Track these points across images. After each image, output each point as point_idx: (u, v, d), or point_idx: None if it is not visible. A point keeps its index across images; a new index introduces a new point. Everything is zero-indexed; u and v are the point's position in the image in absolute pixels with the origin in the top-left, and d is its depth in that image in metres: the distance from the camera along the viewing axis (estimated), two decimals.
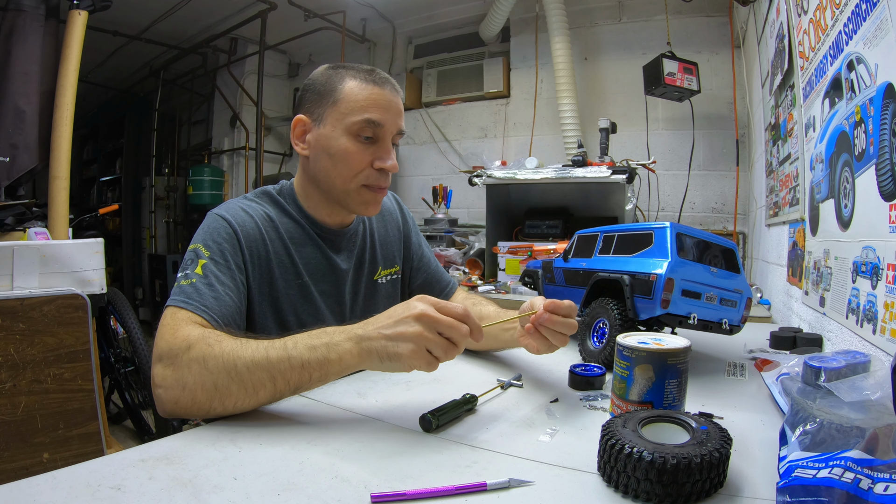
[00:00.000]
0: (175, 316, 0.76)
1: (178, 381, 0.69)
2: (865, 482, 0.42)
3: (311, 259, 0.97)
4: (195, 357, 0.69)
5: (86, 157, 6.02)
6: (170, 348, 0.71)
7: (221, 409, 0.70)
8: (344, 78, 0.90)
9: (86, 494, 0.49)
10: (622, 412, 0.64)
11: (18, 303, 1.62)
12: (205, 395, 0.68)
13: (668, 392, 0.63)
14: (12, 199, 1.98)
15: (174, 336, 0.72)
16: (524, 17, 3.47)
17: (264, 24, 3.82)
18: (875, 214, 0.86)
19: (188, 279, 0.81)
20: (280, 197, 0.98)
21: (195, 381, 0.68)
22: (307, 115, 0.92)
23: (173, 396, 0.69)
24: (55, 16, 2.14)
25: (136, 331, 2.38)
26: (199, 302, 0.78)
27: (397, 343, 0.67)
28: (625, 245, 1.00)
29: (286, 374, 0.69)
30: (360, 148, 0.90)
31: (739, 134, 2.73)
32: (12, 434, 1.58)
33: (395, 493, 0.50)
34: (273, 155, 4.60)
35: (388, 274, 1.10)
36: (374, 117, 0.89)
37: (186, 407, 0.69)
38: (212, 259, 0.83)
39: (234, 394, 0.68)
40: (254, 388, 0.69)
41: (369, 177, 0.92)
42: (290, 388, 0.70)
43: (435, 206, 3.28)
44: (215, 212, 0.90)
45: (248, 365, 0.68)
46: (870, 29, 0.88)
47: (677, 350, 0.63)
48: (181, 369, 0.69)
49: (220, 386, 0.68)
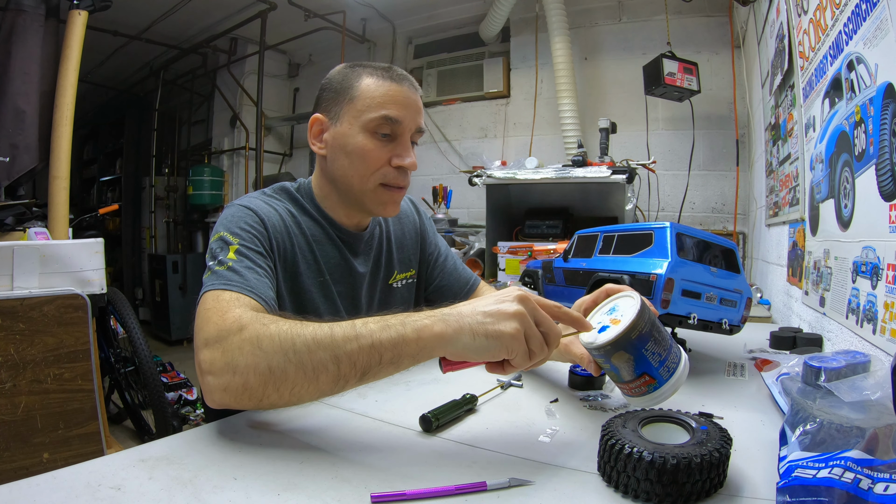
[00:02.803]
0: (219, 298, 0.70)
1: (229, 364, 0.62)
2: (865, 482, 0.42)
3: (332, 259, 0.95)
4: (248, 338, 0.62)
5: (86, 157, 6.02)
6: (219, 331, 0.65)
7: (277, 396, 0.61)
8: (360, 75, 0.88)
9: (86, 494, 0.49)
10: (630, 390, 0.63)
11: (18, 303, 1.62)
12: (258, 380, 0.60)
13: (652, 354, 0.60)
14: (12, 199, 1.98)
15: (223, 318, 0.66)
16: (524, 17, 3.47)
17: (264, 24, 3.82)
18: (875, 214, 0.86)
19: (223, 264, 0.76)
20: (298, 195, 0.97)
21: (247, 363, 0.61)
22: (324, 114, 0.91)
23: (223, 382, 0.62)
24: (55, 16, 2.14)
25: (136, 331, 2.38)
26: (242, 284, 0.74)
27: (498, 321, 0.58)
28: (625, 245, 1.00)
29: (353, 355, 0.60)
30: (377, 145, 0.87)
31: (739, 134, 2.73)
32: (12, 434, 1.58)
33: (395, 494, 0.50)
34: (273, 155, 4.60)
35: (405, 278, 1.07)
36: (392, 114, 0.86)
37: (237, 394, 0.62)
38: (242, 245, 0.80)
39: (291, 377, 0.60)
40: (314, 370, 0.60)
41: (387, 175, 0.89)
42: (356, 372, 0.61)
43: (435, 206, 3.28)
44: (238, 203, 0.88)
45: (309, 344, 0.60)
46: (870, 29, 0.88)
47: (633, 323, 0.59)
48: (232, 352, 0.62)
49: (275, 368, 0.60)
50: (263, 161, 4.14)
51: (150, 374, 2.28)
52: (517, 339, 0.58)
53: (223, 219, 0.86)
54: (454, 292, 1.09)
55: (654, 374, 0.61)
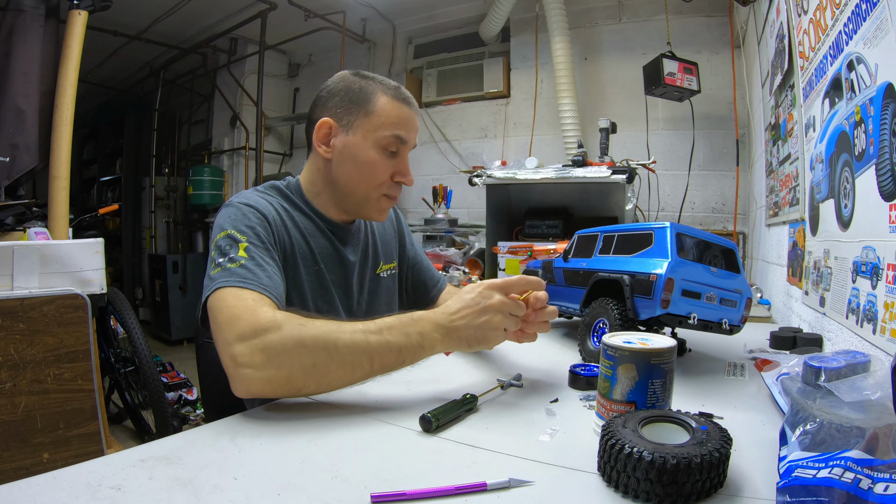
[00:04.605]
0: (240, 296, 0.75)
1: (272, 359, 0.69)
2: (865, 482, 0.42)
3: (325, 249, 1.00)
4: (289, 336, 0.70)
5: (86, 157, 6.03)
6: (254, 328, 0.71)
7: (315, 387, 0.72)
8: (376, 91, 0.94)
9: (86, 494, 0.49)
10: (606, 411, 0.64)
11: (18, 303, 1.62)
12: (302, 374, 0.70)
13: (652, 392, 0.62)
14: (12, 199, 1.98)
15: (255, 315, 0.72)
16: (524, 17, 3.47)
17: (264, 24, 3.82)
18: (875, 214, 0.86)
19: (235, 262, 0.80)
20: (288, 191, 1.01)
21: (292, 359, 0.70)
22: (335, 119, 0.95)
23: (266, 375, 0.69)
24: (55, 16, 2.14)
25: (136, 331, 2.38)
26: (256, 282, 0.79)
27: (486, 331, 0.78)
28: (625, 245, 1.00)
29: (384, 356, 0.74)
30: (384, 161, 0.95)
31: (739, 134, 2.73)
32: (12, 434, 1.58)
33: (395, 493, 0.50)
34: (273, 155, 4.60)
35: (389, 269, 1.15)
36: (403, 135, 0.95)
37: (279, 385, 0.70)
38: (251, 242, 0.85)
39: (333, 373, 0.72)
40: (352, 367, 0.72)
41: (390, 188, 0.98)
42: (384, 369, 0.75)
43: (435, 206, 3.28)
44: (237, 201, 0.92)
45: (349, 345, 0.72)
46: (870, 29, 0.88)
47: (661, 350, 0.62)
48: (274, 348, 0.70)
49: (320, 364, 0.71)
50: (263, 161, 4.14)
51: (150, 374, 2.28)
52: (496, 326, 0.78)
53: (227, 217, 0.89)
54: (427, 288, 1.24)
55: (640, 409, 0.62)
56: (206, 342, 1.24)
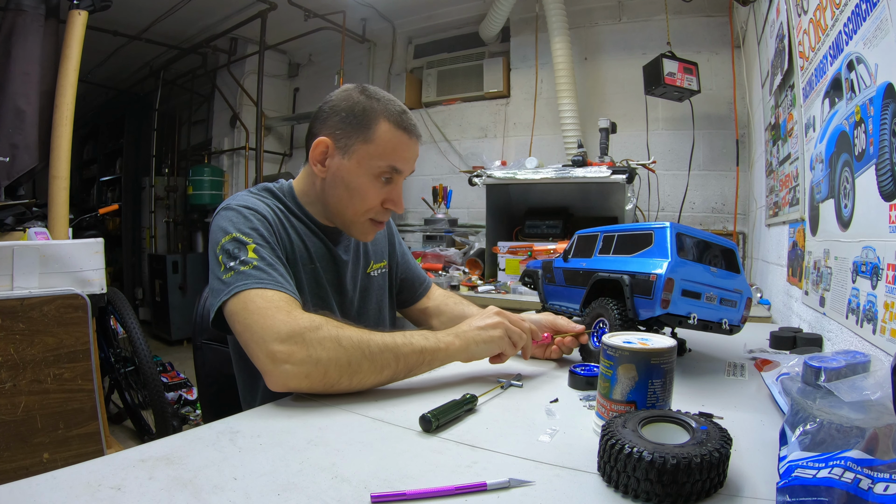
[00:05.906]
0: (267, 297, 0.79)
1: (311, 357, 0.74)
2: (865, 482, 0.42)
3: (319, 249, 1.01)
4: (327, 336, 0.75)
5: (86, 157, 6.03)
6: (292, 328, 0.75)
7: (347, 384, 0.76)
8: (379, 117, 0.93)
9: (86, 494, 0.49)
10: (606, 411, 0.64)
11: (18, 303, 1.62)
12: (337, 371, 0.75)
13: (652, 392, 0.62)
14: (12, 199, 1.98)
15: (291, 316, 0.76)
16: (524, 17, 3.47)
17: (264, 24, 3.82)
18: (875, 214, 0.86)
19: (247, 264, 0.82)
20: (281, 195, 1.02)
21: (329, 357, 0.74)
22: (332, 139, 0.94)
23: (304, 371, 0.73)
24: (55, 16, 2.14)
25: (136, 331, 2.38)
26: (274, 282, 0.81)
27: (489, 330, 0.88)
28: (625, 245, 1.00)
29: (408, 357, 0.80)
30: (377, 188, 0.96)
31: (739, 134, 2.73)
32: (12, 434, 1.58)
33: (395, 493, 0.50)
34: (273, 155, 4.60)
35: (380, 268, 1.16)
36: (399, 166, 0.95)
37: (315, 381, 0.74)
38: (257, 243, 0.86)
39: (365, 371, 0.77)
40: (381, 366, 0.78)
41: (378, 213, 0.99)
42: (407, 369, 0.81)
43: (435, 206, 3.28)
44: (235, 204, 0.92)
45: (380, 346, 0.78)
46: (870, 29, 0.88)
47: (661, 350, 0.62)
48: (313, 346, 0.74)
49: (354, 363, 0.76)
50: (263, 161, 4.14)
51: (150, 374, 2.28)
52: (503, 338, 0.88)
53: (228, 220, 0.89)
54: (415, 286, 1.26)
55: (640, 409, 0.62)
56: (203, 343, 1.24)
